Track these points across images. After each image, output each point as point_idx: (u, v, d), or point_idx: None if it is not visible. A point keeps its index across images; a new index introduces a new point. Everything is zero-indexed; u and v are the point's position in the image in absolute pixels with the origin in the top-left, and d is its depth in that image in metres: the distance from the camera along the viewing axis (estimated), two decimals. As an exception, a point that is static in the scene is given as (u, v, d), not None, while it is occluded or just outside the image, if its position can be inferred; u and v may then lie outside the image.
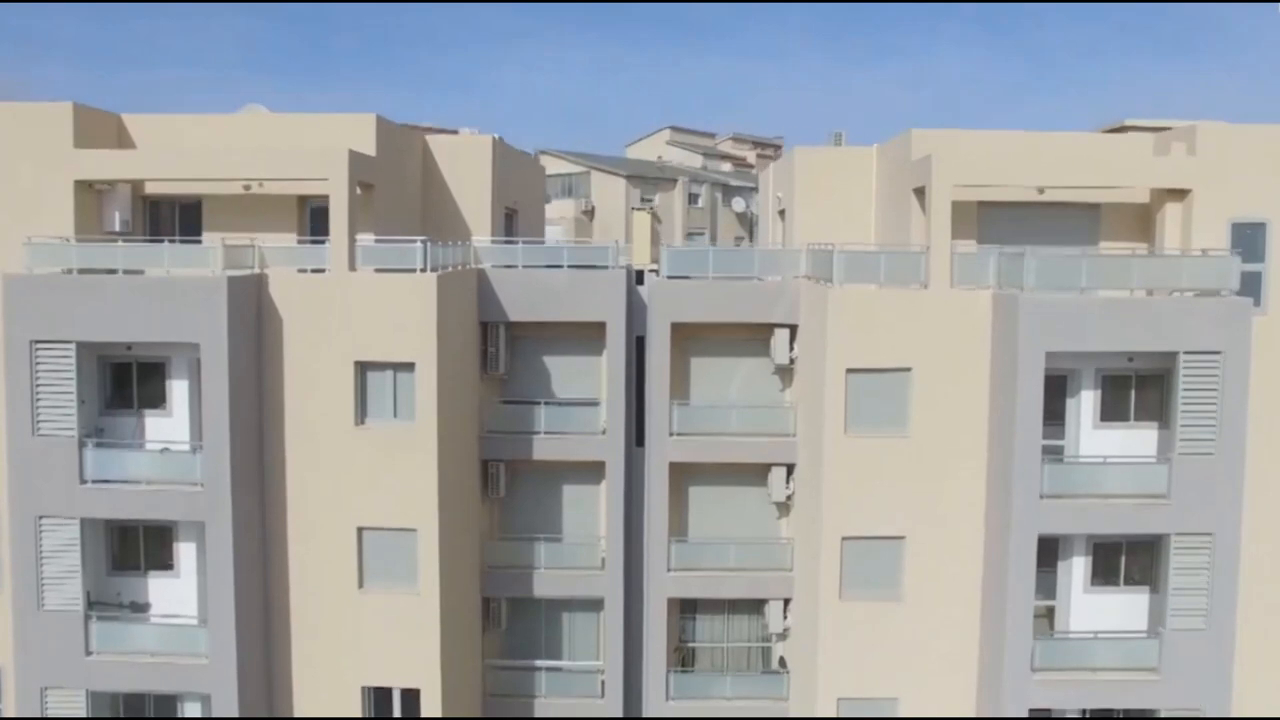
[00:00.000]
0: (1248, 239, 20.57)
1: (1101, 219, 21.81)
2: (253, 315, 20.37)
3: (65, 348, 19.69)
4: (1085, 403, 20.55)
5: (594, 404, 24.94)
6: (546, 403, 24.94)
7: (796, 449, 24.21)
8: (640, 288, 25.32)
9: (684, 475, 25.11)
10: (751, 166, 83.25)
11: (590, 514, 25.60)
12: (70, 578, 20.18)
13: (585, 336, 24.95)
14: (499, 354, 24.70)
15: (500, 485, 25.05)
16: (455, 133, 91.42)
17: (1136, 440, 20.42)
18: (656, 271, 25.05)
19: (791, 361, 24.30)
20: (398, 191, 23.95)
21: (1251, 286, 20.42)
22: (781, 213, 28.57)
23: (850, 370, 20.56)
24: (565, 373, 25.52)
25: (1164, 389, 20.11)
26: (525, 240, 25.61)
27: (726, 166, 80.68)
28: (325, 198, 20.86)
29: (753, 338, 24.73)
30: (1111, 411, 20.56)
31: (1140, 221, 21.67)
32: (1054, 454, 20.08)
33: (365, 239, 21.74)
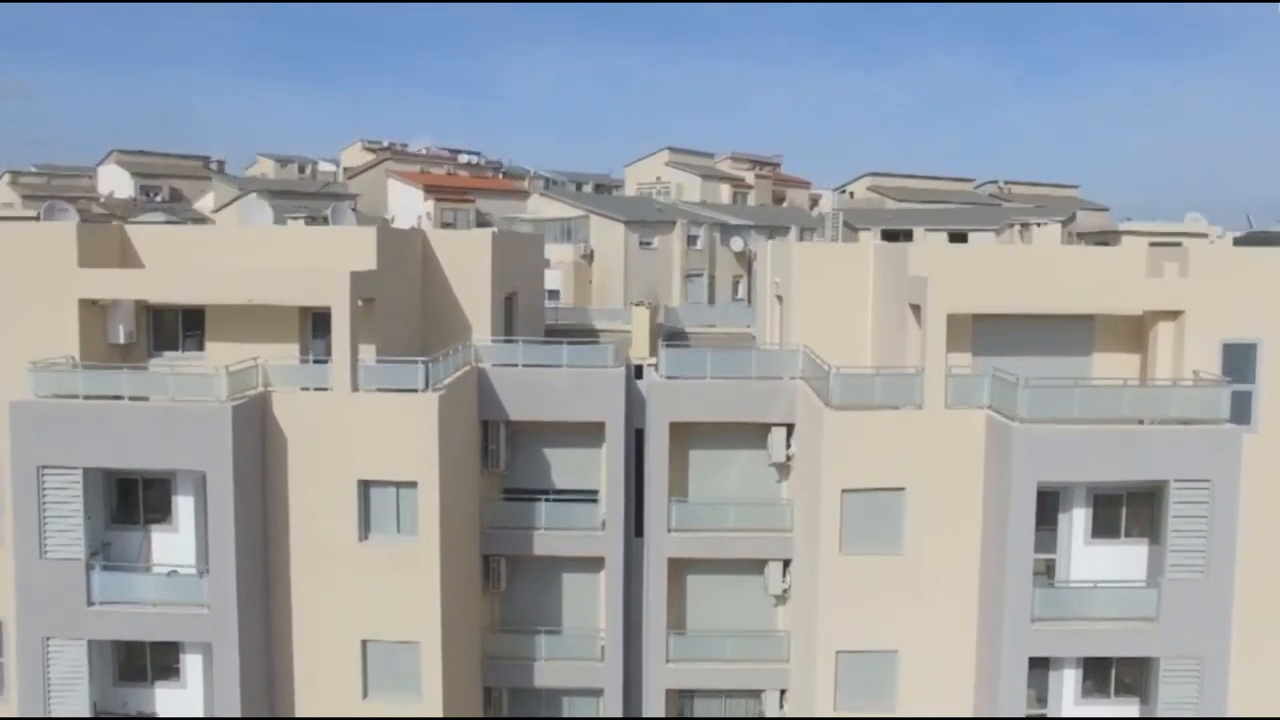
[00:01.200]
0: (1239, 359, 20.84)
1: (1095, 331, 22.05)
2: (257, 437, 20.63)
3: (72, 473, 19.97)
4: (1077, 520, 20.85)
5: (593, 498, 25.25)
6: (547, 498, 25.24)
7: (793, 545, 24.53)
8: (639, 381, 25.60)
9: (682, 566, 25.45)
10: (750, 187, 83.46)
11: (590, 604, 25.92)
12: (76, 690, 20.51)
13: (585, 430, 25.22)
14: (499, 451, 24.99)
15: (501, 579, 25.39)
16: (455, 156, 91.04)
17: (1127, 557, 20.73)
18: (655, 366, 25.33)
19: (788, 459, 24.61)
20: (399, 297, 24.17)
21: (1242, 406, 20.71)
22: (780, 297, 28.79)
23: (846, 490, 20.86)
24: (565, 464, 25.81)
25: (1155, 506, 20.41)
26: (525, 339, 25.85)
27: (725, 188, 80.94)
28: (328, 308, 21.09)
29: (750, 431, 25.00)
30: (1103, 528, 20.87)
31: (1134, 333, 21.93)
32: (1046, 572, 20.43)
33: (368, 352, 21.99)
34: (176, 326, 22.99)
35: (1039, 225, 26.09)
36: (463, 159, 78.21)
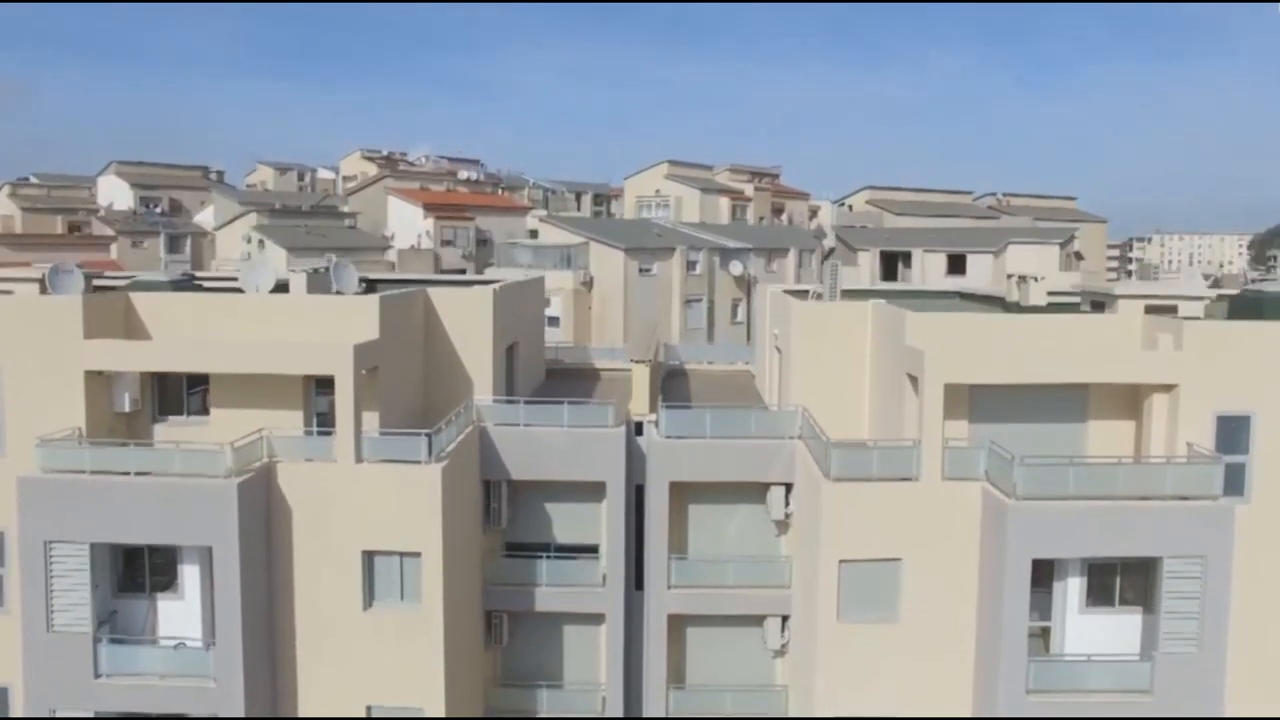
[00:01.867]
0: (1232, 430, 21.08)
1: (1091, 398, 22.25)
2: (262, 509, 20.88)
3: (79, 548, 20.23)
4: (1071, 588, 21.07)
5: (594, 554, 25.54)
6: (548, 555, 25.51)
7: (792, 601, 24.82)
8: (639, 438, 25.86)
9: (682, 619, 25.76)
10: (749, 200, 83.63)
11: (591, 657, 26.20)
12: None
13: (586, 486, 25.48)
14: (501, 510, 25.27)
15: (504, 634, 25.68)
16: (454, 173, 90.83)
17: (1122, 625, 20.99)
18: (656, 423, 25.58)
19: (787, 517, 24.88)
20: (402, 361, 24.36)
21: (1235, 477, 20.97)
22: (779, 349, 29.03)
23: (843, 561, 21.11)
24: (566, 519, 26.08)
25: (1149, 574, 20.65)
26: (526, 400, 26.11)
27: (724, 201, 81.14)
28: (331, 375, 21.33)
29: (750, 487, 25.27)
30: (1098, 596, 21.11)
31: (1129, 401, 22.15)
32: (1041, 636, 20.70)
33: (371, 419, 22.22)
34: (181, 392, 23.22)
35: (1035, 280, 26.28)
36: (462, 175, 78.09)
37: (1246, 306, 24.98)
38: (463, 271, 67.52)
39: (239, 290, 26.12)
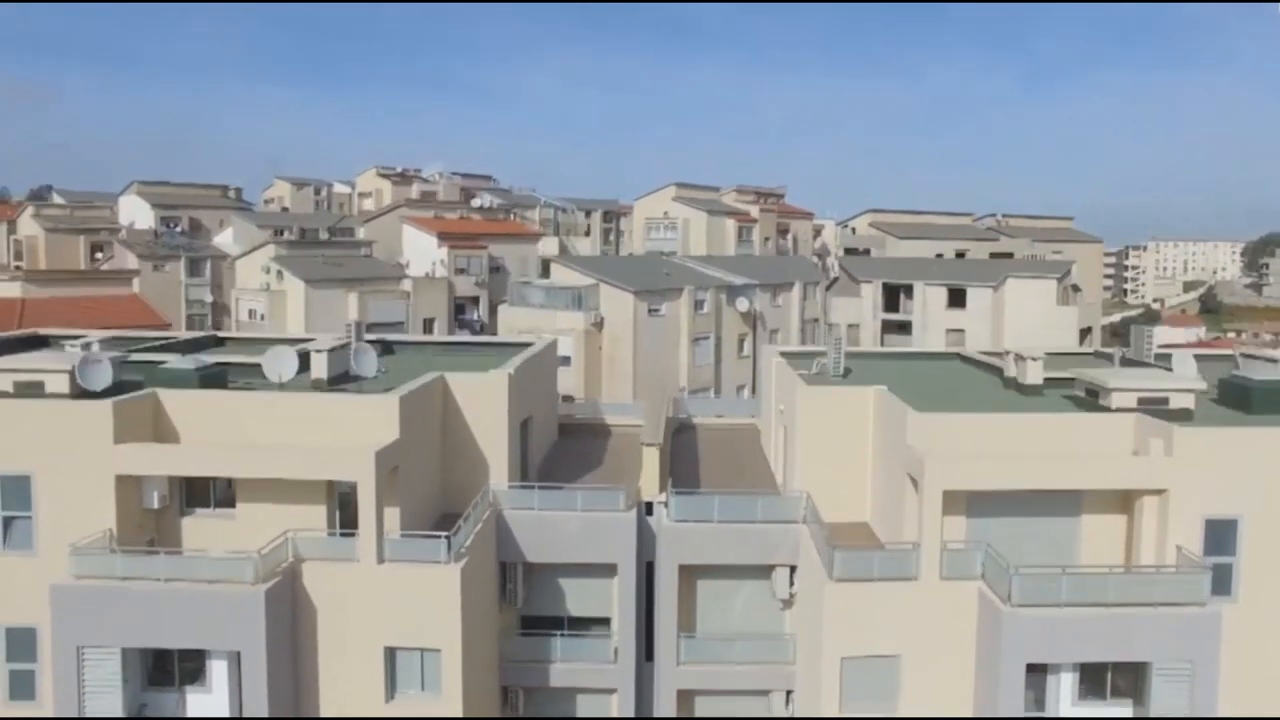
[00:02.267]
0: (1221, 533, 21.87)
1: (1084, 496, 23.03)
2: (288, 610, 21.80)
3: (110, 651, 21.18)
4: (1065, 682, 21.88)
5: (606, 626, 26.50)
6: (562, 634, 26.46)
7: (795, 677, 25.78)
8: (649, 518, 26.77)
9: (691, 690, 26.74)
10: (755, 221, 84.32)
11: (602, 727, 27.16)
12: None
13: (599, 565, 26.42)
14: (517, 590, 26.22)
15: (519, 707, 26.64)
16: (468, 198, 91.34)
17: (1114, 715, 21.83)
18: (665, 504, 26.47)
19: (791, 596, 25.80)
20: (421, 457, 25.21)
21: (1223, 577, 21.77)
22: (785, 426, 29.85)
23: (845, 658, 21.99)
24: (579, 593, 27.03)
25: (1139, 669, 21.46)
26: (540, 485, 27.05)
27: (730, 223, 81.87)
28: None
29: (756, 566, 26.20)
30: (1089, 691, 21.94)
31: (1121, 499, 22.92)
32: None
33: (392, 515, 23.12)
34: (208, 487, 24.09)
35: (1032, 361, 27.12)
36: (475, 203, 78.95)
37: (1235, 394, 25.72)
38: (475, 301, 68.63)
39: (265, 339, 27.05)
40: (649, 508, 27.01)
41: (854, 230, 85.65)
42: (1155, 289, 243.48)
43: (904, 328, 62.79)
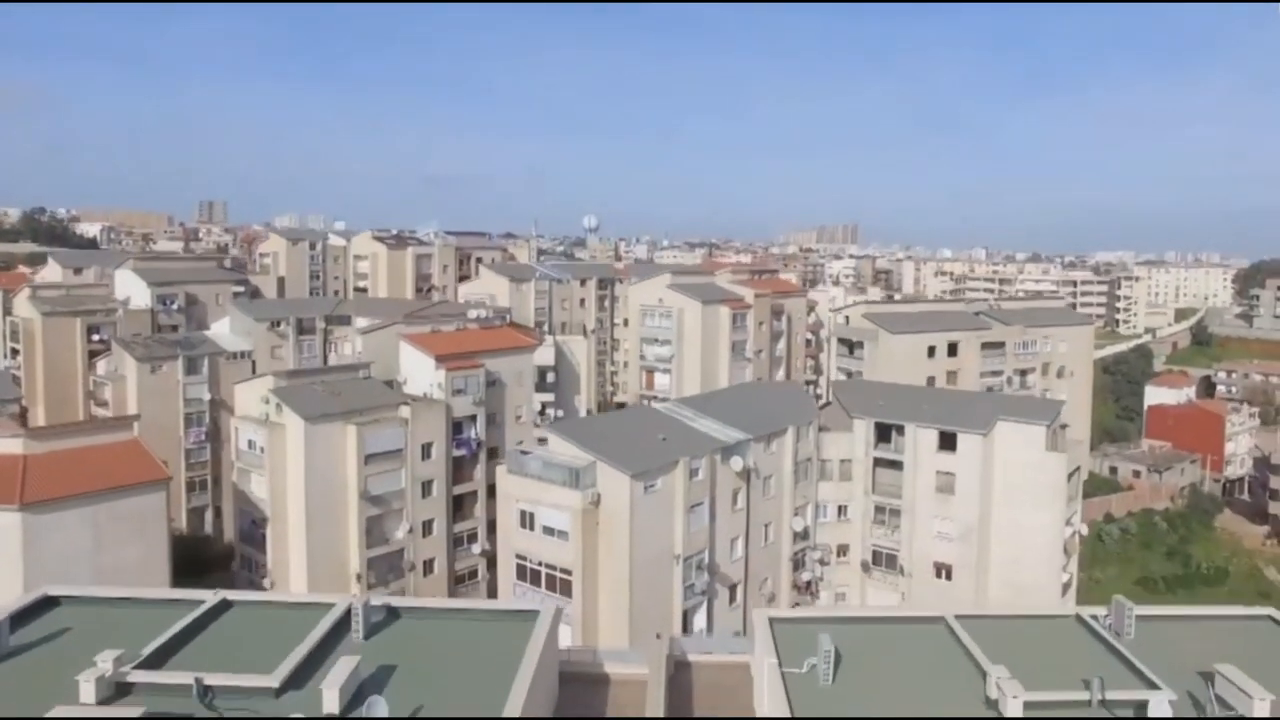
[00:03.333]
0: None
1: None
2: None
3: None
4: None
5: None
6: None
7: None
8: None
9: None
10: (749, 307, 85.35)
11: None
12: None
13: None
14: None
15: None
16: (460, 314, 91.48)
17: None
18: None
19: None
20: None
21: None
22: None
23: None
24: None
25: None
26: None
27: (725, 310, 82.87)
28: None
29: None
30: None
31: None
32: None
33: None
34: None
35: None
36: (472, 314, 79.83)
37: None
38: (473, 419, 69.92)
39: (277, 603, 28.25)
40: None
41: (848, 319, 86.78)
42: (1147, 319, 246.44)
43: (895, 465, 64.31)
